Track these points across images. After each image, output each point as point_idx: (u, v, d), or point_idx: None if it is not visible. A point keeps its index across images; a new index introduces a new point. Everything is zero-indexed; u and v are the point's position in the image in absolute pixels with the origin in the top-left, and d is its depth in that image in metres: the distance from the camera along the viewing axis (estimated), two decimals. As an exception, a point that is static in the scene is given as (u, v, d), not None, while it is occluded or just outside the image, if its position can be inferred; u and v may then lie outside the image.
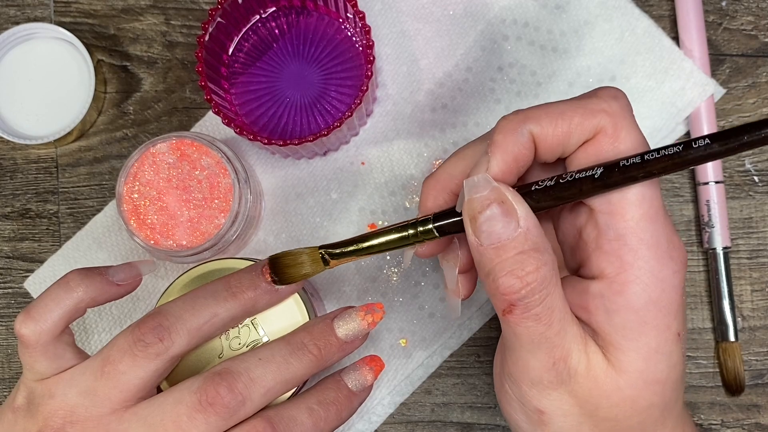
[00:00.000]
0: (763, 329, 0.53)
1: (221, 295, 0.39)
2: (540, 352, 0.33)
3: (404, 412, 0.53)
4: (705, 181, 0.52)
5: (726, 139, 0.30)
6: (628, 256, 0.33)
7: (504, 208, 0.33)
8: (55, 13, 0.55)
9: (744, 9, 0.54)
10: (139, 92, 0.55)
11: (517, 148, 0.34)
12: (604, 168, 0.32)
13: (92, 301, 0.40)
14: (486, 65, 0.53)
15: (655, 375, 0.34)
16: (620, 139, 0.33)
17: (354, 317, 0.40)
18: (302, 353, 0.38)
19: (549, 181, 0.34)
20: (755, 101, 0.54)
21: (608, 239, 0.33)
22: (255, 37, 0.52)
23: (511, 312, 0.33)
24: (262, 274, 0.40)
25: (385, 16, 0.54)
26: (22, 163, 0.54)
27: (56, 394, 0.37)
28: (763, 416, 0.52)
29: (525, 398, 0.35)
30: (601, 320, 0.34)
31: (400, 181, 0.53)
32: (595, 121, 0.33)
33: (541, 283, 0.32)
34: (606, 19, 0.53)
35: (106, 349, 0.38)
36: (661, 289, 0.33)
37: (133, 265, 0.42)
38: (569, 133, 0.34)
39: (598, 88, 0.35)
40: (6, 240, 0.54)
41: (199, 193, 0.47)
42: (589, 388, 0.34)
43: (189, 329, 0.38)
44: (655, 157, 0.31)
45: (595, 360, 0.34)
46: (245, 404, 0.37)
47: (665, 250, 0.34)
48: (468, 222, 0.33)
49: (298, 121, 0.51)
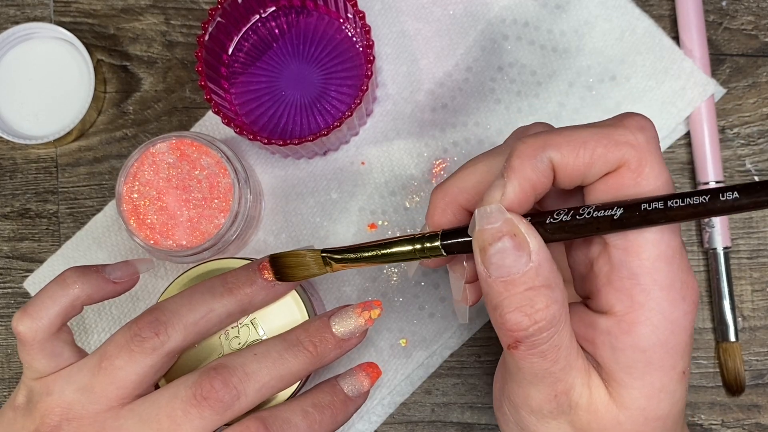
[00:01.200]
0: (764, 329, 0.53)
1: (217, 291, 0.39)
2: (542, 384, 0.33)
3: (404, 412, 0.53)
4: (705, 181, 0.52)
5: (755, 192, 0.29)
6: (640, 297, 0.32)
7: (516, 242, 0.31)
8: (55, 13, 0.55)
9: (744, 9, 0.54)
10: (139, 92, 0.55)
11: (536, 176, 0.32)
12: (624, 209, 0.31)
13: (89, 299, 0.40)
14: (486, 65, 0.53)
15: (656, 412, 0.33)
16: (643, 175, 0.32)
17: (351, 314, 0.40)
18: (298, 349, 0.38)
19: (565, 215, 0.32)
20: (755, 101, 0.54)
21: (620, 276, 0.32)
22: (255, 36, 0.52)
23: (516, 348, 0.32)
24: (259, 270, 0.40)
25: (385, 16, 0.54)
26: (22, 163, 0.54)
27: (53, 391, 0.38)
28: (763, 416, 0.52)
29: (523, 423, 0.35)
30: (606, 356, 0.33)
31: (400, 181, 0.53)
32: (619, 153, 0.32)
33: (549, 322, 0.31)
34: (606, 19, 0.53)
35: (103, 345, 0.38)
36: (671, 331, 0.32)
37: (131, 263, 0.42)
38: (591, 164, 0.32)
39: (625, 115, 0.33)
40: (6, 240, 0.54)
41: (199, 193, 0.47)
42: (589, 420, 0.33)
43: (185, 324, 0.38)
44: (679, 205, 0.30)
45: (597, 394, 0.33)
46: (240, 399, 0.37)
47: (678, 290, 0.32)
48: (478, 252, 0.32)
49: (298, 121, 0.51)
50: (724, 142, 0.53)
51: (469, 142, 0.53)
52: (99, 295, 0.40)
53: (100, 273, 0.40)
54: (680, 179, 0.53)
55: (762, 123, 0.53)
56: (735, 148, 0.53)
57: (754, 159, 0.53)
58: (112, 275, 0.41)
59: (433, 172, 0.53)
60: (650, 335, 0.32)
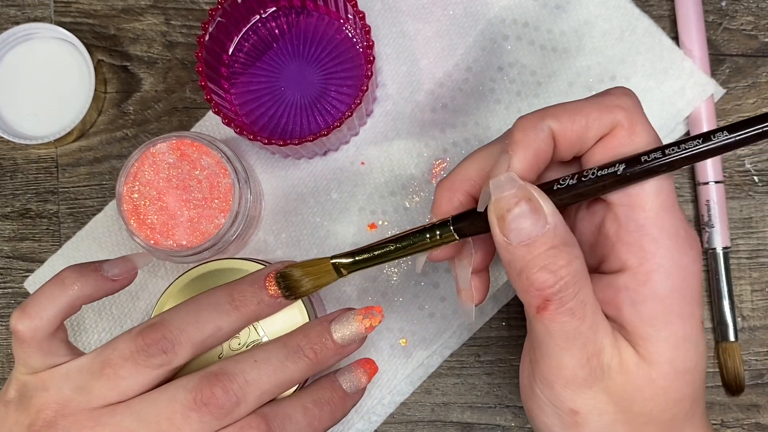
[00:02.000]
0: (763, 329, 0.53)
1: (224, 309, 0.39)
2: (574, 348, 0.33)
3: (404, 412, 0.53)
4: (705, 181, 0.52)
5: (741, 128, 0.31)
6: (650, 246, 0.34)
7: (532, 206, 0.33)
8: (56, 13, 0.55)
9: (744, 9, 0.54)
10: (139, 92, 0.55)
11: (538, 144, 0.34)
12: (626, 164, 0.33)
13: (87, 298, 0.40)
14: (486, 65, 0.53)
15: (684, 364, 0.34)
16: (636, 132, 0.34)
17: (351, 321, 0.40)
18: (298, 357, 0.39)
19: (571, 179, 0.34)
20: (755, 101, 0.54)
21: (629, 231, 0.34)
22: (255, 37, 0.52)
23: (546, 308, 0.33)
24: (264, 288, 0.40)
25: (385, 16, 0.54)
26: (22, 163, 0.55)
27: (50, 387, 0.38)
28: (763, 416, 0.52)
29: (558, 400, 0.35)
30: (628, 313, 0.34)
31: (400, 181, 0.53)
32: (612, 116, 0.34)
33: (574, 277, 0.33)
34: (606, 19, 0.53)
35: (106, 350, 0.38)
36: (683, 277, 0.34)
37: (128, 259, 0.42)
38: (587, 128, 0.34)
39: (609, 89, 0.36)
40: (6, 240, 0.54)
41: (199, 193, 0.47)
42: (623, 383, 0.34)
43: (193, 342, 0.38)
44: (676, 150, 0.32)
45: (627, 354, 0.34)
46: (240, 405, 0.37)
47: (684, 238, 0.34)
48: (495, 222, 0.34)
49: (298, 121, 0.51)
50: (723, 142, 0.53)
51: (469, 143, 0.53)
52: (98, 294, 0.40)
53: (98, 272, 0.40)
54: (680, 179, 0.53)
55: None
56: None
57: (753, 159, 0.53)
58: (111, 272, 0.41)
59: (433, 172, 0.53)
60: (665, 281, 0.34)
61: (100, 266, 0.41)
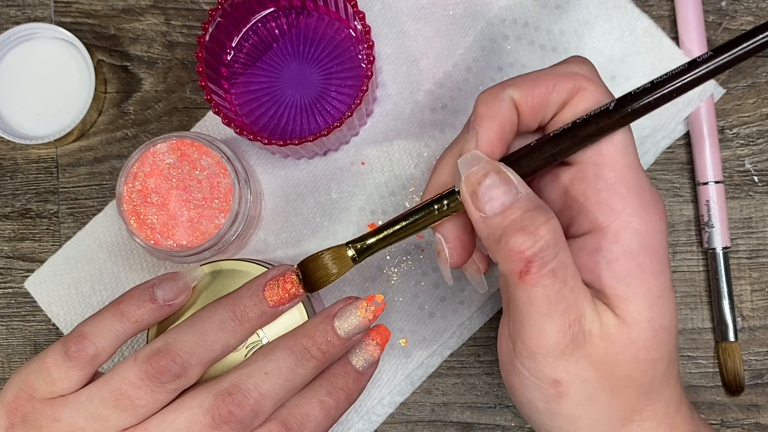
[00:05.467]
0: (763, 329, 0.53)
1: (229, 327, 0.39)
2: (555, 313, 0.33)
3: (404, 412, 0.53)
4: (704, 181, 0.52)
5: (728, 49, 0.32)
6: (619, 204, 0.35)
7: (502, 176, 0.34)
8: (56, 13, 0.55)
9: (744, 9, 0.54)
10: (139, 92, 0.55)
11: (501, 115, 0.35)
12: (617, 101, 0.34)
13: (144, 329, 0.40)
14: (486, 65, 0.53)
15: (661, 321, 0.35)
16: (600, 91, 0.35)
17: (354, 314, 0.40)
18: (306, 360, 0.39)
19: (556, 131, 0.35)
20: (755, 101, 0.54)
21: (597, 189, 0.35)
22: (255, 37, 0.52)
23: (528, 272, 0.33)
24: (264, 300, 0.40)
25: (385, 16, 0.54)
26: (23, 163, 0.55)
27: (62, 418, 0.37)
28: (762, 416, 0.52)
29: (540, 371, 0.35)
30: (603, 274, 0.35)
31: (400, 181, 0.53)
32: (572, 82, 0.35)
33: (553, 236, 0.33)
34: (606, 19, 0.53)
35: (113, 380, 0.38)
36: (651, 234, 0.35)
37: (179, 277, 0.42)
38: (548, 94, 0.35)
39: (566, 58, 0.37)
40: (6, 240, 0.54)
41: (199, 193, 0.47)
42: (605, 347, 0.34)
43: (204, 363, 0.39)
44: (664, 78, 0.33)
45: (607, 318, 0.34)
46: (258, 417, 0.38)
47: (648, 197, 0.35)
48: (469, 198, 0.34)
49: (298, 121, 0.51)
50: (723, 142, 0.53)
51: (469, 142, 0.53)
52: (154, 323, 0.41)
53: (155, 302, 0.40)
54: (680, 179, 0.53)
55: (761, 123, 0.53)
56: (734, 148, 0.53)
57: (753, 159, 0.53)
58: (165, 298, 0.40)
59: (433, 172, 0.53)
60: (635, 237, 0.35)
61: (154, 294, 0.40)
